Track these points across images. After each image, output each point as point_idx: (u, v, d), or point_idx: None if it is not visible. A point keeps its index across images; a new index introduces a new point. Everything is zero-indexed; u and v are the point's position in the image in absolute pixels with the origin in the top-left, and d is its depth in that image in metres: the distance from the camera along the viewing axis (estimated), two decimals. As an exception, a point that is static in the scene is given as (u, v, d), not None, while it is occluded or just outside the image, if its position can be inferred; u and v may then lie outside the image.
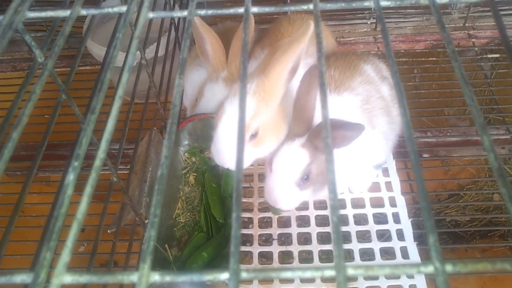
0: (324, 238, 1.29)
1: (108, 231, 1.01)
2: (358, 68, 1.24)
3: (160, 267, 1.20)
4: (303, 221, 1.31)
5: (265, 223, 1.34)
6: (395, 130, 1.28)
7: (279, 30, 1.30)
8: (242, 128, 0.41)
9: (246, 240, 1.31)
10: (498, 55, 1.81)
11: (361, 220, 1.32)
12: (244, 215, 1.33)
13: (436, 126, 1.74)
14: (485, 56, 1.81)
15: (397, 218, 1.29)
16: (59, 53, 0.55)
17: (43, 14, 0.54)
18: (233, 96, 1.10)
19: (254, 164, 1.23)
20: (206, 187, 1.34)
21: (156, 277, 0.34)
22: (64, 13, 0.53)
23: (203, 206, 1.31)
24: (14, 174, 1.70)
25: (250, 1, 0.49)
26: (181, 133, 1.37)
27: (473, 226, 1.78)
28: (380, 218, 1.31)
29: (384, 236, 1.30)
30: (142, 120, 1.21)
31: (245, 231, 1.29)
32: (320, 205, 1.35)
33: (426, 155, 1.68)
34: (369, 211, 1.32)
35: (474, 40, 1.85)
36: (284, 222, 1.32)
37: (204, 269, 1.22)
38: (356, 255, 1.23)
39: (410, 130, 0.38)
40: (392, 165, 1.40)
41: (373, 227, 1.28)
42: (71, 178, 0.39)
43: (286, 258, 1.30)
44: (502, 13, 1.85)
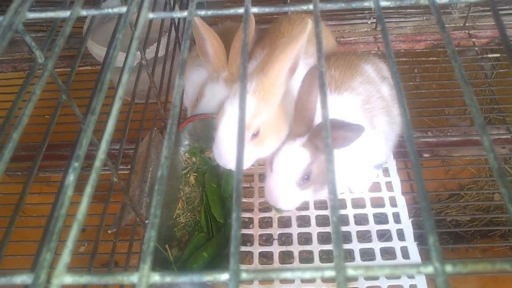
0: (324, 238, 1.29)
1: (108, 231, 1.01)
2: (358, 68, 1.24)
3: (160, 267, 1.20)
4: (304, 221, 1.31)
5: (265, 223, 1.34)
6: (396, 130, 1.28)
7: (280, 30, 1.30)
8: (242, 128, 0.41)
9: (246, 240, 1.31)
10: (499, 55, 1.81)
11: (361, 220, 1.32)
12: (244, 215, 1.33)
13: (436, 125, 1.74)
14: (485, 55, 1.81)
15: (397, 218, 1.29)
16: (60, 53, 0.55)
17: (43, 15, 0.54)
18: (233, 96, 1.09)
19: (254, 164, 1.23)
20: (206, 187, 1.34)
21: (156, 277, 0.34)
22: (64, 13, 0.53)
23: (204, 206, 1.31)
24: (15, 174, 1.70)
25: (250, 1, 0.49)
26: (181, 133, 1.37)
27: (473, 226, 1.78)
28: (380, 218, 1.31)
29: (384, 236, 1.30)
30: (142, 120, 1.21)
31: (245, 231, 1.29)
32: (320, 205, 1.35)
33: (427, 155, 1.68)
34: (369, 211, 1.32)
35: (474, 39, 1.85)
36: (284, 222, 1.32)
37: (204, 269, 1.22)
38: (356, 255, 1.23)
39: (410, 131, 0.38)
40: (392, 165, 1.40)
41: (373, 227, 1.28)
42: (71, 179, 0.39)
43: (286, 258, 1.30)
44: (502, 12, 1.85)
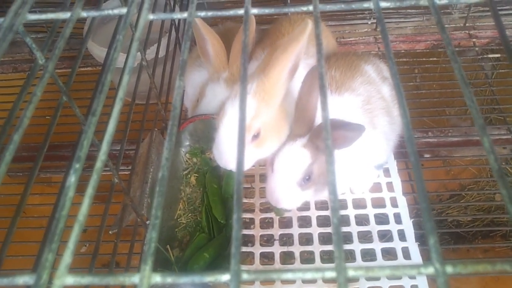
0: (325, 239, 1.29)
1: (109, 232, 1.01)
2: (359, 68, 1.24)
3: (161, 268, 1.20)
4: (305, 221, 1.31)
5: (266, 224, 1.34)
6: (396, 131, 1.28)
7: (280, 31, 1.30)
8: (243, 129, 0.41)
9: (247, 240, 1.31)
10: (499, 55, 1.81)
11: (362, 220, 1.32)
12: (245, 216, 1.33)
13: (437, 126, 1.74)
14: (486, 56, 1.81)
15: (398, 219, 1.29)
16: (60, 54, 0.55)
17: (44, 16, 0.54)
18: (234, 97, 1.09)
19: (255, 164, 1.23)
20: (207, 188, 1.34)
21: (157, 278, 0.34)
22: (64, 15, 0.53)
23: (205, 207, 1.31)
24: (16, 175, 1.70)
25: (250, 2, 0.49)
26: (182, 134, 1.37)
27: (475, 226, 1.77)
28: (381, 219, 1.31)
29: (385, 236, 1.30)
30: (143, 121, 1.21)
31: (246, 232, 1.29)
32: (321, 205, 1.35)
33: (428, 155, 1.68)
34: (370, 212, 1.32)
35: (474, 40, 1.85)
36: (285, 222, 1.32)
37: (205, 269, 1.22)
38: (357, 256, 1.23)
39: (410, 132, 0.38)
40: (393, 165, 1.39)
41: (374, 228, 1.28)
42: (73, 180, 0.39)
43: (287, 258, 1.30)
44: (502, 13, 1.85)
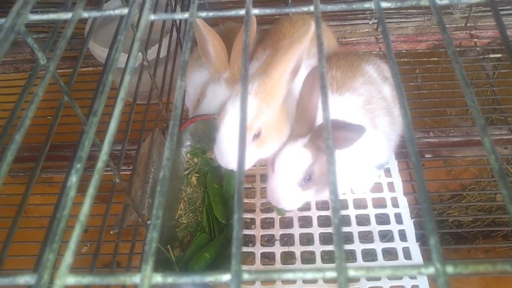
0: (326, 239, 1.29)
1: (110, 232, 1.01)
2: (359, 68, 1.24)
3: (162, 268, 1.20)
4: (306, 221, 1.31)
5: (267, 224, 1.34)
6: (397, 131, 1.28)
7: (281, 31, 1.30)
8: (244, 129, 0.41)
9: (248, 240, 1.31)
10: (500, 55, 1.81)
11: (363, 220, 1.32)
12: (246, 216, 1.33)
13: (438, 126, 1.74)
14: (487, 56, 1.81)
15: (399, 219, 1.29)
16: (61, 54, 0.55)
17: (45, 16, 0.54)
18: (235, 97, 1.09)
19: (256, 164, 1.23)
20: (208, 188, 1.34)
21: (158, 278, 0.35)
22: (66, 15, 0.54)
23: (205, 207, 1.31)
24: (17, 175, 1.70)
25: (251, 2, 0.49)
26: (183, 134, 1.37)
27: (476, 226, 1.77)
28: (382, 219, 1.31)
29: (386, 236, 1.30)
30: (144, 121, 1.21)
31: (247, 232, 1.29)
32: (322, 205, 1.35)
33: (429, 156, 1.68)
34: (371, 212, 1.32)
35: (476, 40, 1.85)
36: (286, 222, 1.32)
37: (206, 270, 1.22)
38: (358, 256, 1.23)
39: (411, 132, 0.38)
40: (394, 165, 1.39)
41: (375, 228, 1.28)
42: (74, 180, 0.39)
43: (288, 258, 1.30)
44: (503, 13, 1.84)
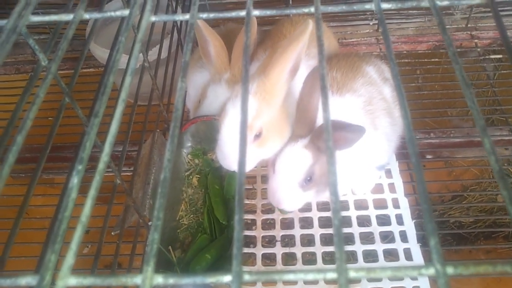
0: (327, 240, 1.29)
1: (112, 233, 1.01)
2: (360, 69, 1.24)
3: (163, 269, 1.20)
4: (306, 222, 1.31)
5: (268, 225, 1.34)
6: (398, 132, 1.28)
7: (281, 32, 1.30)
8: (244, 129, 0.41)
9: (249, 241, 1.31)
10: (501, 56, 1.81)
11: (364, 221, 1.32)
12: (247, 217, 1.33)
13: (439, 127, 1.74)
14: (487, 56, 1.81)
15: (400, 220, 1.29)
16: (63, 55, 0.55)
17: (47, 18, 0.54)
18: (234, 97, 1.10)
19: (257, 165, 1.23)
20: (209, 189, 1.34)
21: (159, 279, 0.35)
22: (67, 17, 0.54)
23: (206, 208, 1.32)
24: (19, 176, 1.71)
25: (251, 4, 0.49)
26: (184, 135, 1.37)
27: (477, 227, 1.77)
28: (383, 220, 1.31)
29: (387, 237, 1.30)
30: (145, 122, 1.21)
31: (248, 233, 1.29)
32: (323, 206, 1.35)
33: (429, 156, 1.68)
34: (372, 213, 1.31)
35: (476, 40, 1.85)
36: (287, 223, 1.32)
37: (207, 271, 1.22)
38: (359, 257, 1.23)
39: (411, 133, 0.38)
40: (395, 166, 1.39)
41: (376, 229, 1.28)
42: (75, 181, 0.39)
43: (289, 259, 1.30)
44: (503, 13, 1.84)
